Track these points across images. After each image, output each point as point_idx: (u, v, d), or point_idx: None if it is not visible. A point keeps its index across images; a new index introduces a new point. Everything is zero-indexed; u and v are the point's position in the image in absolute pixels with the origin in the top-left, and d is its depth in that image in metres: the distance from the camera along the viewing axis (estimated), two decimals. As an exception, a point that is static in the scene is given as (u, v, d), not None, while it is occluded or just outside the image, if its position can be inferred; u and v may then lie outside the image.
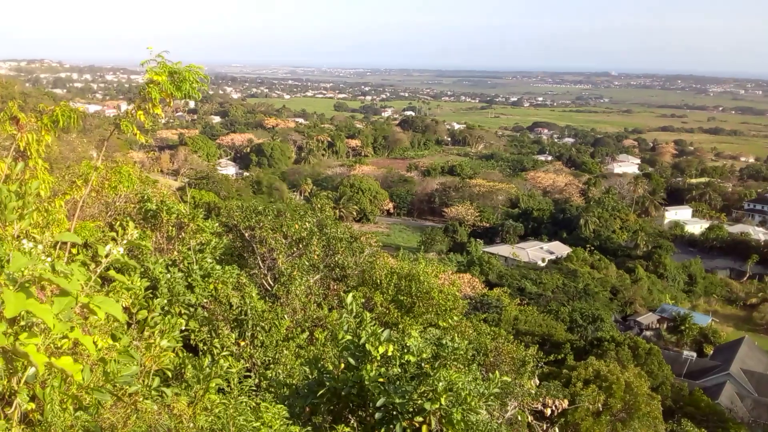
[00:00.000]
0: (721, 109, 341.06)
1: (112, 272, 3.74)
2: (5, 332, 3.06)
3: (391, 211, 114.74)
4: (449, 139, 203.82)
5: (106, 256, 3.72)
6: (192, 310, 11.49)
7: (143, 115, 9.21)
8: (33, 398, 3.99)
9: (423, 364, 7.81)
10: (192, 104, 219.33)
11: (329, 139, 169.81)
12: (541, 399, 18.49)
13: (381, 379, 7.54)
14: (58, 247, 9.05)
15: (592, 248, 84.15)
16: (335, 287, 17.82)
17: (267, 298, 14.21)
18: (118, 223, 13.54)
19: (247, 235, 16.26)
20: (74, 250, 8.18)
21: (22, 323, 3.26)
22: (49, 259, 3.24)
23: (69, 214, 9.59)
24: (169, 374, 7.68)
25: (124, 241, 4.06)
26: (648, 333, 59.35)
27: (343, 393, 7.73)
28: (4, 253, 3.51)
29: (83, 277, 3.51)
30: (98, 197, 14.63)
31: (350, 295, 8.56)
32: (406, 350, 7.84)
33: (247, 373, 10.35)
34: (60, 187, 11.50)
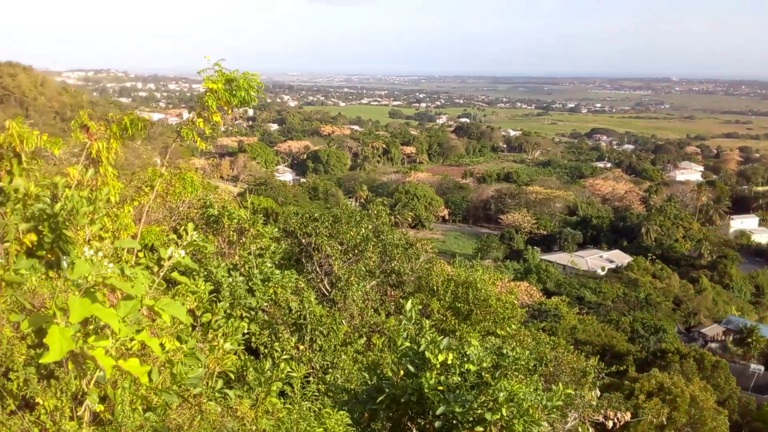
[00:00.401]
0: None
1: (176, 275, 3.80)
2: (74, 336, 3.14)
3: (447, 217, 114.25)
4: (505, 145, 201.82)
5: (169, 259, 3.78)
6: (253, 313, 11.67)
7: (203, 123, 9.43)
8: (104, 399, 4.09)
9: (483, 374, 7.69)
10: (251, 112, 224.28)
11: (384, 146, 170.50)
12: (602, 411, 17.98)
13: (440, 388, 7.46)
14: (125, 251, 9.34)
15: (654, 257, 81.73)
16: (392, 293, 17.80)
17: (325, 303, 14.31)
18: (182, 227, 13.90)
19: (304, 241, 16.42)
20: (141, 254, 8.40)
21: (92, 326, 3.34)
22: (111, 265, 3.30)
23: (135, 219, 9.88)
24: (232, 376, 7.80)
25: (185, 243, 4.13)
26: (713, 345, 57.12)
27: (402, 400, 7.68)
28: (75, 257, 3.62)
29: (147, 281, 3.58)
30: (163, 202, 15.04)
31: (409, 301, 8.51)
32: (466, 359, 7.74)
33: (308, 378, 10.40)
34: (127, 192, 11.88)
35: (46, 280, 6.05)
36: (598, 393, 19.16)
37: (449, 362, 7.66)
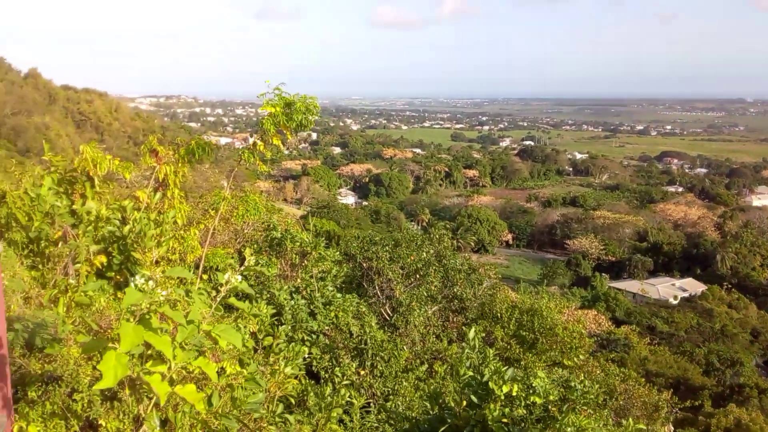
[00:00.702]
0: None
1: (232, 300, 3.76)
2: (130, 362, 3.12)
3: (510, 242, 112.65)
4: (571, 169, 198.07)
5: (226, 284, 3.75)
6: (314, 337, 11.65)
7: (263, 146, 9.55)
8: (165, 422, 4.08)
9: (550, 407, 7.39)
10: (314, 136, 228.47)
11: (446, 169, 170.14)
12: (676, 448, 17.12)
13: (505, 420, 7.21)
14: (192, 272, 9.46)
15: (730, 286, 78.03)
16: (454, 319, 17.51)
17: (386, 328, 14.18)
18: (247, 250, 14.09)
19: (365, 265, 16.38)
20: (205, 276, 8.48)
21: (150, 351, 3.32)
22: (164, 293, 3.29)
23: (201, 241, 10.06)
24: (292, 401, 7.75)
25: (242, 269, 4.09)
26: (796, 381, 53.82)
27: (465, 431, 7.46)
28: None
29: (204, 306, 3.55)
30: (227, 225, 15.31)
31: (472, 329, 8.29)
32: (531, 390, 7.45)
33: (367, 407, 10.27)
34: (194, 215, 12.14)
35: (114, 301, 6.17)
36: (672, 429, 18.27)
37: (514, 394, 7.40)
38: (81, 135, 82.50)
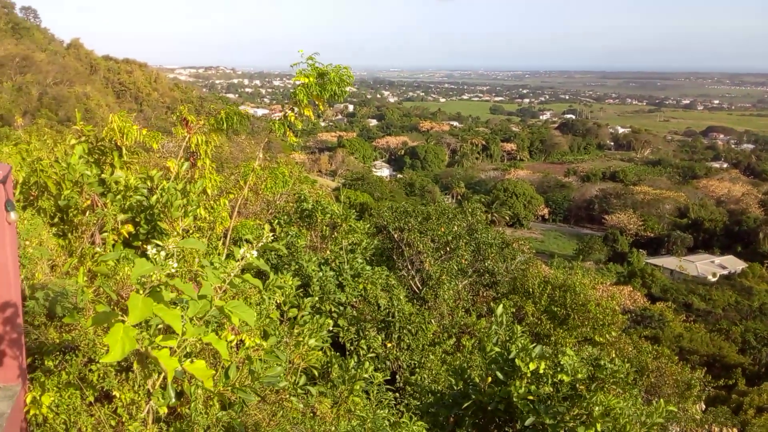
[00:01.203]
0: None
1: (248, 276, 3.70)
2: (139, 335, 3.09)
3: (546, 217, 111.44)
4: (612, 143, 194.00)
5: (241, 259, 3.69)
6: (341, 308, 11.67)
7: (294, 117, 9.44)
8: (181, 393, 4.08)
9: (578, 385, 7.26)
10: (351, 108, 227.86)
11: (483, 143, 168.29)
12: (707, 426, 16.87)
13: (531, 397, 7.12)
14: (221, 242, 9.52)
15: (772, 265, 76.27)
16: (484, 294, 17.39)
17: (415, 301, 14.14)
18: (276, 221, 14.14)
19: (396, 236, 16.31)
20: (234, 247, 8.48)
21: (161, 325, 3.29)
22: (175, 265, 3.23)
23: (231, 212, 10.08)
24: (316, 372, 7.77)
25: (259, 245, 4.04)
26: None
27: (489, 407, 7.41)
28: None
29: (217, 281, 3.50)
30: (258, 196, 15.36)
31: (500, 305, 8.17)
32: (559, 369, 7.33)
33: (388, 378, 10.26)
34: (226, 185, 12.18)
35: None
36: (704, 407, 17.97)
37: (541, 371, 7.30)
38: (121, 105, 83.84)
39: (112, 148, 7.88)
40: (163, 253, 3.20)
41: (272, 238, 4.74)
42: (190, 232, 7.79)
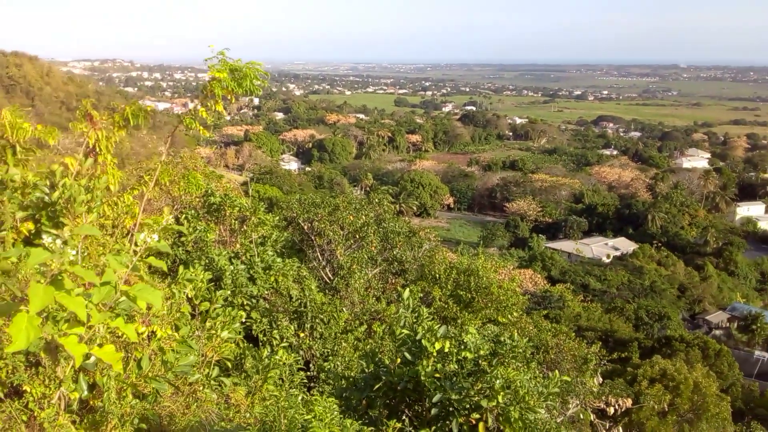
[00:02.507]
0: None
1: (151, 259, 3.79)
2: (42, 324, 3.13)
3: (452, 206, 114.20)
4: (511, 133, 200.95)
5: (143, 243, 3.78)
6: (254, 301, 11.70)
7: (205, 112, 9.41)
8: (93, 386, 4.11)
9: (480, 361, 7.70)
10: (256, 101, 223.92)
11: (390, 135, 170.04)
12: (604, 397, 18.04)
13: (437, 375, 7.48)
14: (128, 238, 9.34)
15: (660, 245, 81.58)
16: (394, 281, 17.82)
17: (326, 291, 14.34)
18: (183, 216, 13.92)
19: (305, 227, 16.44)
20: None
21: (64, 314, 3.33)
22: (73, 252, 3.29)
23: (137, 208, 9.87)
24: (229, 365, 7.83)
25: (159, 228, 4.13)
26: (717, 332, 57.07)
27: (399, 387, 7.71)
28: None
29: (120, 266, 3.57)
30: (163, 191, 15.04)
31: (407, 289, 8.51)
32: (463, 347, 7.74)
33: (301, 366, 10.43)
34: (129, 182, 11.89)
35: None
36: (600, 380, 19.20)
37: (446, 350, 7.67)
38: (10, 100, 78.34)
39: (4, 145, 7.59)
40: (59, 242, 3.23)
41: (173, 220, 4.82)
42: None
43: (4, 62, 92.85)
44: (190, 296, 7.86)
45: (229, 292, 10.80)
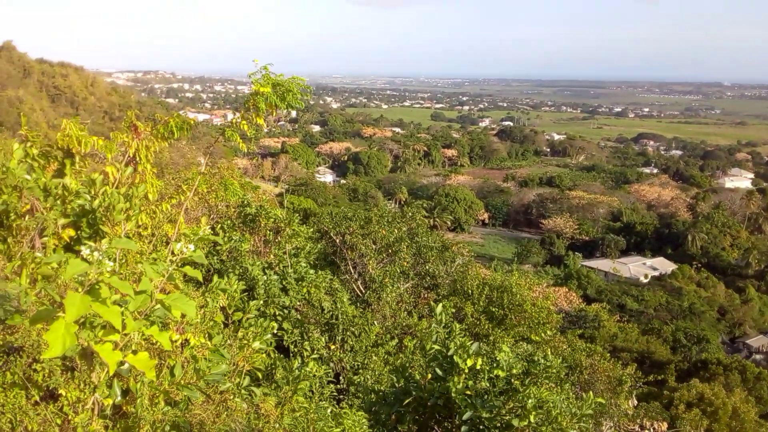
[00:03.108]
0: None
1: (187, 268, 3.84)
2: (79, 331, 3.19)
3: (486, 221, 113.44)
4: (548, 149, 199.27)
5: (179, 253, 3.84)
6: (286, 312, 11.77)
7: (246, 125, 9.57)
8: (127, 392, 4.17)
9: (512, 380, 7.60)
10: (294, 114, 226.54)
11: (425, 149, 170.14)
12: (638, 421, 17.63)
13: (468, 392, 7.40)
14: (166, 246, 9.51)
15: (699, 266, 79.76)
16: (426, 296, 17.75)
17: (358, 304, 14.35)
18: (219, 226, 14.12)
19: (338, 240, 16.50)
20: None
21: (100, 321, 3.39)
22: (110, 263, 3.35)
23: (173, 217, 10.05)
24: (260, 375, 7.87)
25: (196, 238, 4.18)
26: (758, 356, 55.37)
27: (429, 403, 7.66)
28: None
29: (156, 276, 3.62)
30: (200, 202, 15.28)
31: (440, 305, 8.47)
32: (495, 364, 7.65)
33: (331, 379, 10.43)
34: (167, 191, 12.12)
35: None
36: (635, 402, 18.78)
37: (478, 367, 7.60)
38: (56, 109, 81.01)
39: (60, 155, 7.83)
40: (96, 253, 3.30)
41: (209, 231, 4.88)
42: (132, 237, 7.79)
43: (50, 72, 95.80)
44: (223, 305, 7.96)
45: (261, 303, 10.89)
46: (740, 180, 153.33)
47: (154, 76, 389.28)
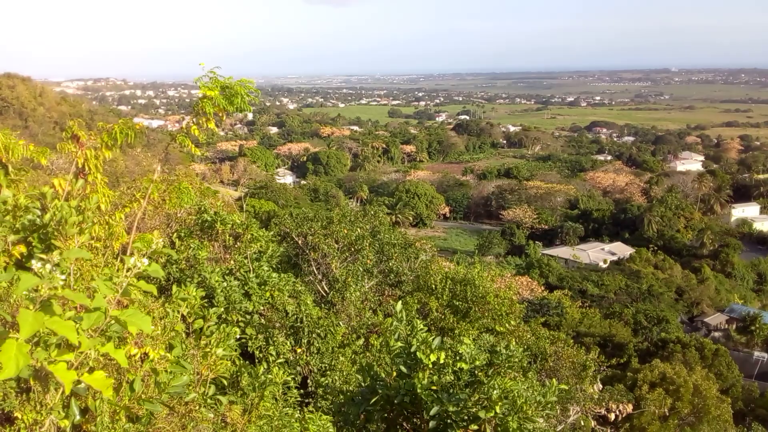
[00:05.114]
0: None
1: (141, 283, 3.79)
2: (31, 350, 3.12)
3: (448, 215, 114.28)
4: (505, 141, 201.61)
5: (133, 268, 3.78)
6: (249, 317, 11.66)
7: (197, 130, 9.42)
8: (86, 410, 4.09)
9: (477, 372, 7.68)
10: (250, 116, 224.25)
11: (384, 146, 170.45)
12: (604, 404, 18.00)
13: (434, 387, 7.44)
14: (118, 259, 9.32)
15: (656, 248, 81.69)
16: (390, 293, 17.80)
17: (323, 305, 14.31)
18: (175, 234, 13.91)
19: (300, 242, 16.43)
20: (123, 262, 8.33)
21: (54, 340, 3.32)
22: (62, 277, 3.28)
23: (129, 227, 9.87)
24: (225, 382, 7.79)
25: (149, 252, 4.12)
26: (716, 334, 57.07)
27: (396, 401, 7.67)
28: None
29: (110, 291, 3.56)
30: (157, 210, 15.03)
31: (399, 302, 8.51)
32: (458, 358, 7.72)
33: (297, 385, 10.40)
34: (121, 200, 11.87)
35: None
36: (600, 386, 19.17)
37: (442, 361, 7.65)
38: (4, 122, 78.52)
39: (-5, 167, 7.60)
40: (48, 266, 3.23)
41: (162, 244, 4.81)
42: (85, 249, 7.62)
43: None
44: (183, 314, 7.85)
45: (222, 309, 10.77)
46: (691, 163, 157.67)
47: (105, 83, 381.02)
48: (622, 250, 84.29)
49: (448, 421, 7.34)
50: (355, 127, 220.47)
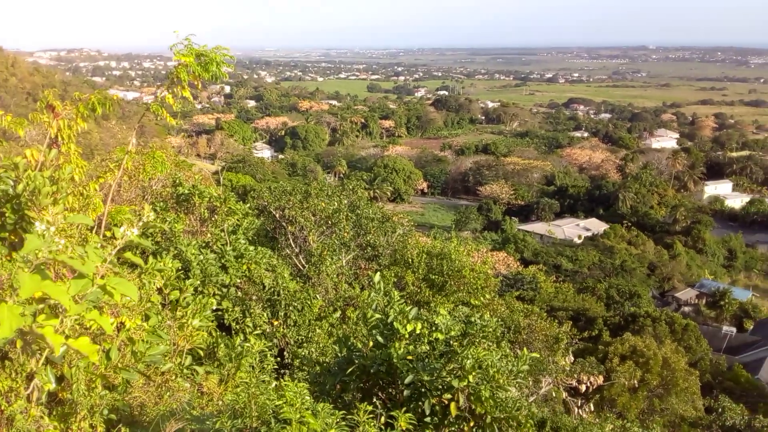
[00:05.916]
0: (762, 80, 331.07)
1: (128, 254, 3.81)
2: (23, 314, 3.14)
3: (426, 190, 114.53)
4: (483, 117, 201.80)
5: (121, 238, 3.80)
6: (225, 290, 11.67)
7: (171, 98, 9.29)
8: (61, 378, 4.12)
9: (451, 342, 7.82)
10: (227, 89, 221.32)
11: (363, 121, 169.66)
12: (575, 375, 18.41)
13: (409, 357, 7.57)
14: (93, 231, 9.26)
15: (630, 224, 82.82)
16: (367, 267, 17.91)
17: (299, 278, 14.37)
18: (152, 207, 13.80)
19: (277, 215, 16.41)
20: (108, 233, 8.33)
21: (41, 305, 3.34)
22: (62, 241, 3.30)
23: (105, 198, 9.79)
24: (202, 353, 7.85)
25: (140, 223, 4.13)
26: (687, 309, 58.36)
27: (372, 371, 7.79)
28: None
29: (98, 260, 3.58)
30: (132, 182, 14.90)
31: (378, 274, 8.59)
32: (434, 328, 7.85)
33: (275, 355, 10.49)
34: (96, 171, 11.74)
35: (9, 262, 6.02)
36: (572, 358, 19.58)
37: (418, 332, 7.77)
38: (-26, 93, 76.76)
39: (-33, 137, 7.48)
40: (52, 229, 3.25)
41: (153, 216, 4.83)
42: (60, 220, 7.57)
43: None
44: (159, 286, 7.85)
45: (198, 282, 10.77)
46: (666, 140, 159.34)
47: (79, 54, 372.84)
48: (596, 226, 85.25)
49: (423, 390, 7.47)
50: (334, 102, 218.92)
